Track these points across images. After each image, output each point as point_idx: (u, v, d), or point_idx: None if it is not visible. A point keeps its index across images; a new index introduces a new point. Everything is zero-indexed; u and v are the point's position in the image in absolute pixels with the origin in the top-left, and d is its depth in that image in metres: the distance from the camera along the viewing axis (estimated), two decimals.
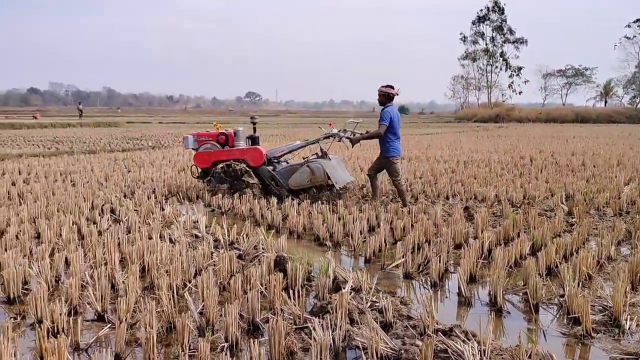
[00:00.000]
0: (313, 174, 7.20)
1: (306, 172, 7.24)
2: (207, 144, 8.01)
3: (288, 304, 3.46)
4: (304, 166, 7.29)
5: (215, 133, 8.09)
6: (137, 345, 3.09)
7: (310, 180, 7.26)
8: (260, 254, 4.67)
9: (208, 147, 7.97)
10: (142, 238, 5.02)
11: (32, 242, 5.12)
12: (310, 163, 7.29)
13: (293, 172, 7.39)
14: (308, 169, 7.23)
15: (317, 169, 7.17)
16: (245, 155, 7.72)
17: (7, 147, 16.80)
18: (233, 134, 8.06)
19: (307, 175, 7.24)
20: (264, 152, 7.66)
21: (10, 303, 3.76)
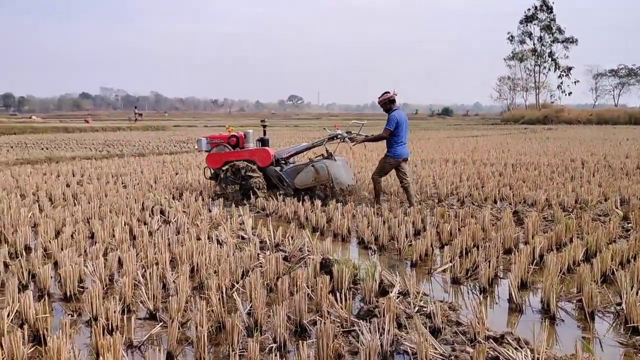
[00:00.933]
0: (317, 173, 7.41)
1: (311, 172, 7.46)
2: (219, 146, 8.28)
3: (335, 307, 3.46)
4: (309, 166, 7.51)
5: (227, 135, 8.36)
6: (188, 344, 3.16)
7: (314, 180, 7.47)
8: (306, 256, 4.68)
9: (220, 149, 8.24)
10: (191, 239, 5.13)
11: (87, 241, 5.31)
12: (315, 163, 7.50)
13: (298, 172, 7.63)
14: (313, 168, 7.45)
15: (322, 169, 7.39)
16: (254, 156, 7.99)
17: (61, 149, 17.51)
18: (243, 136, 8.33)
19: (311, 175, 7.45)
20: (271, 153, 7.96)
21: (66, 300, 3.91)
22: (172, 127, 38.28)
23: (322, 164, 7.44)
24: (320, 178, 7.42)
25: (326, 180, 7.43)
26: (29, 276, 4.26)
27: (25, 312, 3.36)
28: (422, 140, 22.21)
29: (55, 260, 4.58)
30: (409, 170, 7.54)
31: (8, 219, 6.04)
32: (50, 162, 13.42)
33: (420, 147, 17.32)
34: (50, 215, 6.29)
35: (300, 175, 7.58)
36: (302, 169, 7.63)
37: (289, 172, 7.79)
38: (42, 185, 8.94)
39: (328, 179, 7.39)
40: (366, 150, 14.28)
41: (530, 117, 51.22)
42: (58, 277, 4.24)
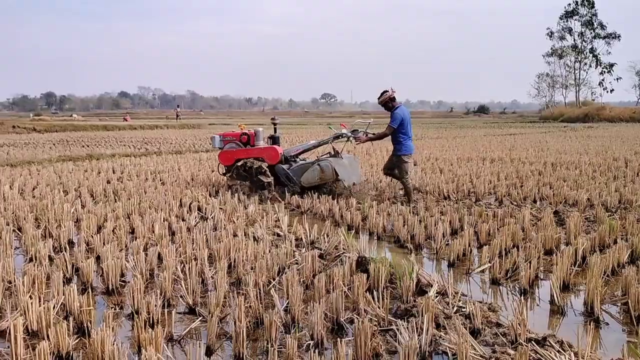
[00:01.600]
0: (322, 172, 7.54)
1: (316, 170, 7.59)
2: (231, 143, 8.48)
3: (371, 305, 3.45)
4: (315, 164, 7.65)
5: (239, 133, 8.56)
6: (227, 339, 3.19)
7: (320, 178, 7.61)
8: (342, 254, 4.68)
9: (231, 146, 8.45)
10: (228, 235, 5.19)
11: (127, 237, 5.43)
12: (320, 162, 7.65)
13: (305, 170, 7.75)
14: (318, 167, 7.59)
15: (326, 167, 7.51)
16: (263, 153, 8.19)
17: (102, 147, 17.98)
18: (254, 134, 8.50)
19: (317, 173, 7.59)
20: (279, 151, 8.12)
21: (109, 294, 4.01)
22: (207, 125, 38.83)
23: (327, 163, 7.55)
24: (326, 176, 7.55)
25: (331, 178, 7.57)
26: (72, 270, 4.39)
27: (70, 304, 3.46)
28: (457, 138, 21.90)
29: (98, 255, 4.70)
30: None
31: (52, 214, 6.23)
32: (91, 159, 13.80)
33: (455, 146, 17.08)
34: (92, 210, 6.47)
35: (307, 173, 7.70)
36: (308, 167, 7.75)
37: (296, 170, 7.91)
38: (83, 181, 9.20)
39: (333, 177, 7.51)
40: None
41: (570, 115, 49.78)
42: (100, 271, 4.36)
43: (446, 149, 15.85)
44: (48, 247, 4.81)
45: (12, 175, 10.10)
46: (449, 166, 11.00)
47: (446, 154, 13.83)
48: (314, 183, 7.68)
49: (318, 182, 7.67)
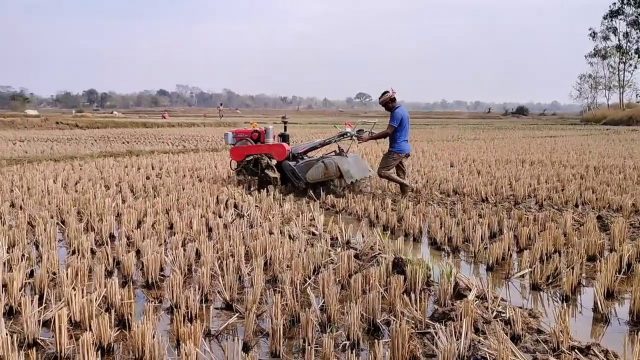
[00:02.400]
0: (327, 168, 7.79)
1: (321, 167, 7.84)
2: (243, 140, 8.79)
3: (408, 308, 3.41)
4: (319, 162, 7.93)
5: (250, 130, 8.87)
6: (263, 335, 3.21)
7: (324, 175, 7.85)
8: (378, 255, 4.65)
9: (243, 143, 8.75)
10: (264, 233, 5.22)
11: (166, 232, 5.53)
12: (325, 159, 7.93)
13: (310, 166, 8.00)
14: (322, 164, 7.84)
15: (330, 165, 7.76)
16: (272, 150, 8.49)
17: (141, 144, 18.40)
18: (264, 131, 8.76)
19: (321, 170, 7.83)
20: (287, 148, 8.46)
21: (148, 288, 4.08)
22: (243, 124, 39.22)
23: (330, 160, 7.81)
24: (329, 173, 7.79)
25: (335, 175, 7.81)
26: (114, 263, 4.50)
27: (111, 297, 3.54)
28: (495, 140, 21.50)
29: (138, 249, 4.81)
30: (407, 165, 8.00)
31: (94, 208, 6.40)
32: (130, 155, 14.13)
33: (493, 147, 16.77)
34: (132, 205, 6.61)
35: (312, 170, 7.93)
36: (313, 164, 8.00)
37: (302, 166, 8.13)
38: (124, 177, 9.43)
39: (336, 174, 7.76)
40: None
41: (613, 118, 48.22)
42: (140, 265, 4.45)
43: (484, 150, 15.58)
44: (90, 241, 4.93)
45: (55, 170, 10.44)
46: (487, 168, 10.81)
47: (484, 156, 13.59)
48: (318, 179, 7.92)
49: (322, 179, 7.92)
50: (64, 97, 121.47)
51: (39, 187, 7.98)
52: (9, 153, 14.12)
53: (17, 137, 21.56)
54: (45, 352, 2.96)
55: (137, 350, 2.83)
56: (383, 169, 7.74)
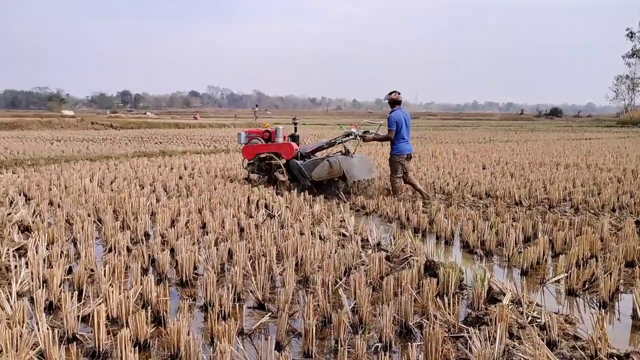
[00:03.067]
0: (331, 167, 8.01)
1: (326, 166, 8.07)
2: (255, 139, 9.14)
3: (441, 311, 3.38)
4: (324, 160, 8.16)
5: (262, 130, 9.21)
6: (295, 335, 3.23)
7: (328, 173, 8.07)
8: (409, 257, 4.62)
9: (254, 142, 9.09)
10: (295, 234, 5.25)
11: (199, 231, 5.61)
12: (329, 158, 8.16)
13: (316, 165, 8.26)
14: (327, 162, 8.06)
15: (335, 164, 7.99)
16: (280, 149, 8.78)
17: (173, 144, 18.72)
18: (275, 131, 9.08)
19: (326, 169, 8.05)
20: (295, 148, 8.75)
21: (182, 285, 4.15)
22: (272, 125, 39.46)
23: (335, 159, 8.05)
24: (334, 172, 8.01)
25: (338, 174, 8.02)
26: (149, 261, 4.59)
27: (147, 294, 3.61)
28: (528, 142, 21.11)
29: (172, 247, 4.89)
30: (411, 166, 8.15)
31: (129, 206, 6.55)
32: (163, 156, 14.39)
33: (527, 149, 16.47)
34: (166, 205, 6.73)
35: (317, 168, 8.18)
36: (319, 163, 8.24)
37: (308, 165, 8.41)
38: (157, 176, 9.60)
39: (340, 173, 7.98)
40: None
41: None
42: (174, 263, 4.53)
43: (517, 152, 15.31)
44: (126, 239, 5.04)
45: (91, 169, 10.71)
46: (520, 171, 10.62)
47: (517, 158, 13.36)
48: (324, 178, 8.17)
49: (327, 177, 8.15)
50: (99, 98, 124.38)
51: (76, 186, 8.19)
52: (47, 152, 14.54)
53: (54, 137, 22.19)
54: (84, 347, 3.04)
55: (173, 347, 2.89)
56: (392, 175, 7.97)
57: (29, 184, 8.34)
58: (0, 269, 4.36)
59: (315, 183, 8.29)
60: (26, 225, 5.78)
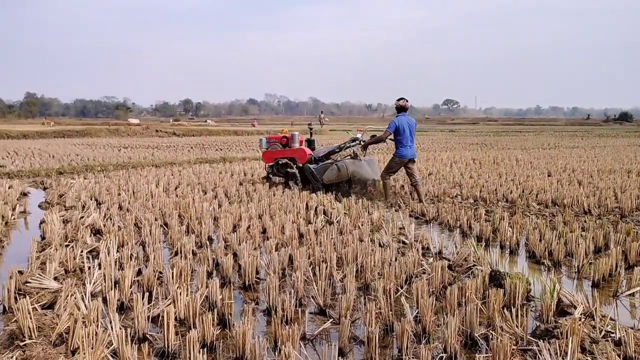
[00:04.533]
0: (339, 171, 8.50)
1: (334, 170, 8.56)
2: (274, 145, 9.72)
3: (508, 323, 3.27)
4: (333, 164, 8.66)
5: (280, 136, 9.79)
6: (357, 342, 3.22)
7: (337, 177, 8.56)
8: (473, 267, 4.51)
9: (273, 148, 9.67)
10: (354, 241, 5.25)
11: (260, 236, 5.71)
12: (337, 162, 8.65)
13: (326, 169, 8.77)
14: (336, 167, 8.57)
15: (342, 167, 8.49)
16: (295, 154, 9.39)
17: (233, 151, 19.16)
18: (291, 137, 9.62)
19: (335, 172, 8.55)
20: (308, 153, 9.32)
21: (245, 289, 4.24)
22: (328, 132, 39.68)
23: (342, 163, 8.54)
24: (341, 175, 8.50)
25: (346, 177, 8.52)
26: (213, 264, 4.71)
27: (212, 297, 3.71)
28: (596, 148, 20.18)
29: (234, 252, 5.00)
30: (416, 169, 8.34)
31: (193, 211, 6.75)
32: (224, 162, 14.76)
33: (595, 156, 15.74)
34: (228, 210, 6.89)
35: (327, 172, 8.70)
36: (329, 166, 8.74)
37: (319, 169, 8.92)
38: (219, 182, 9.86)
39: (347, 176, 8.49)
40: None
41: None
42: (237, 267, 4.62)
43: (584, 159, 14.66)
44: (191, 243, 5.20)
45: (157, 175, 11.12)
46: (589, 178, 10.15)
47: (584, 165, 12.79)
48: (333, 180, 8.63)
49: (336, 180, 8.61)
50: (162, 107, 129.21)
51: (143, 191, 8.54)
52: (115, 159, 15.25)
53: (121, 144, 23.25)
54: (154, 347, 3.15)
55: (238, 350, 2.95)
56: (385, 172, 8.36)
57: (99, 189, 8.77)
58: (75, 270, 4.60)
59: (326, 185, 8.76)
60: (98, 228, 6.08)
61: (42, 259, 4.69)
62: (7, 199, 8.02)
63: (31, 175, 11.97)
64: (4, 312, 3.74)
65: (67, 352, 2.99)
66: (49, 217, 6.28)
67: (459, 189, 8.95)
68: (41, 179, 11.12)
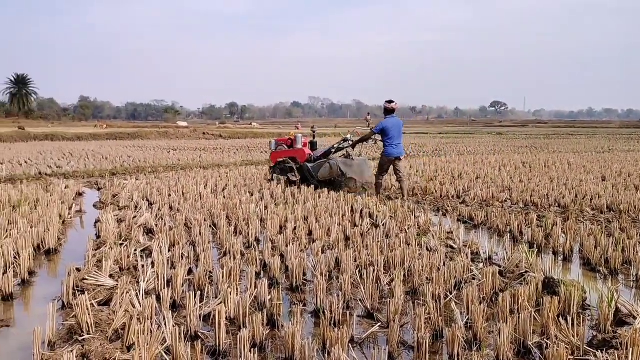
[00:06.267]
0: (331, 169, 9.33)
1: (327, 168, 9.37)
2: (280, 146, 10.54)
3: (564, 332, 3.17)
4: (326, 163, 9.43)
5: (286, 138, 10.63)
6: (405, 348, 3.19)
7: (329, 174, 9.37)
8: (525, 274, 4.40)
9: (280, 148, 10.49)
10: (401, 244, 5.20)
11: (306, 238, 5.74)
12: (330, 161, 9.42)
13: (320, 167, 9.54)
14: (328, 165, 9.38)
15: (334, 166, 9.29)
16: (296, 154, 10.21)
17: None
18: (295, 139, 10.40)
19: (327, 170, 9.36)
20: (307, 153, 10.14)
21: (292, 291, 4.27)
22: None
23: (334, 162, 9.34)
24: (333, 172, 9.30)
25: (337, 174, 9.27)
26: (261, 265, 4.77)
27: (261, 297, 3.76)
28: None
29: (281, 253, 5.05)
30: (403, 167, 8.80)
31: (240, 212, 6.86)
32: (269, 164, 14.89)
33: None
34: (274, 212, 6.97)
35: (321, 170, 9.47)
36: (322, 165, 9.48)
37: (315, 167, 9.67)
38: (264, 184, 9.98)
39: (338, 173, 9.23)
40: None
41: None
42: (284, 269, 4.66)
43: None
44: (239, 243, 5.28)
45: (205, 177, 11.36)
46: None
47: None
48: (326, 177, 9.41)
49: (328, 177, 9.39)
50: (209, 110, 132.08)
51: (192, 192, 8.74)
52: (165, 161, 15.67)
53: (170, 146, 23.88)
54: (205, 345, 3.22)
55: (288, 350, 2.97)
56: (378, 172, 8.87)
57: (150, 190, 9.04)
58: (129, 268, 4.75)
59: (320, 182, 9.49)
60: (150, 228, 6.26)
61: (98, 257, 4.87)
62: (64, 198, 8.38)
63: (86, 175, 12.45)
64: (63, 308, 3.90)
65: (123, 347, 3.09)
66: (104, 217, 6.52)
67: (508, 193, 8.74)
68: (95, 180, 11.56)
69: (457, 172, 11.95)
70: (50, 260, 5.38)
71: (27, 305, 4.17)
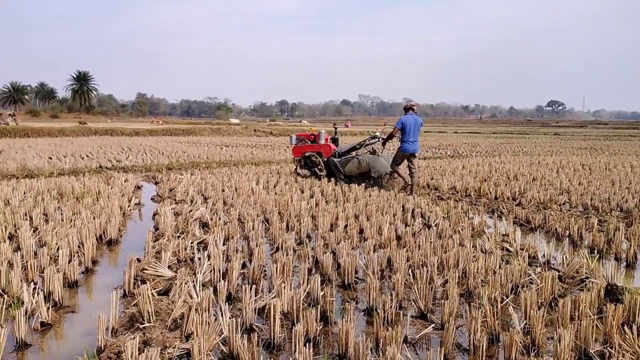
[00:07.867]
0: (359, 164, 9.75)
1: (355, 163, 9.83)
2: (303, 141, 10.96)
3: (628, 341, 3.04)
4: (354, 158, 9.90)
5: (308, 134, 11.07)
6: (460, 350, 3.15)
7: (357, 169, 9.80)
8: (586, 279, 4.24)
9: (302, 143, 10.94)
10: (455, 245, 5.12)
11: (357, 236, 5.73)
12: (358, 157, 9.89)
13: (348, 162, 10.01)
14: (357, 160, 9.82)
15: (362, 161, 9.73)
16: (322, 149, 10.69)
17: None
18: (318, 134, 10.79)
19: (355, 165, 9.82)
20: (332, 148, 10.63)
21: (344, 288, 4.28)
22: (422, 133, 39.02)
23: (362, 157, 9.78)
24: (361, 167, 9.72)
25: (365, 169, 9.68)
26: (313, 262, 4.81)
27: (314, 293, 3.79)
28: None
29: (333, 251, 5.07)
30: (416, 163, 9.40)
31: (292, 209, 6.93)
32: None
33: None
34: (325, 209, 7.00)
35: (348, 165, 9.93)
36: (350, 160, 9.95)
37: (342, 162, 10.14)
38: (314, 181, 10.04)
39: (367, 168, 9.64)
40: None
41: None
42: (336, 266, 4.68)
43: None
44: (291, 240, 5.34)
45: (256, 173, 11.55)
46: None
47: None
48: (353, 172, 9.84)
49: (356, 172, 9.81)
50: (260, 107, 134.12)
51: (244, 188, 8.90)
52: (218, 157, 16.02)
53: (223, 142, 24.39)
54: (260, 338, 3.28)
55: (341, 347, 2.99)
56: (393, 163, 9.49)
57: (205, 185, 9.27)
58: (186, 260, 4.89)
59: (347, 176, 9.95)
60: (205, 222, 6.42)
61: (157, 248, 5.04)
62: (123, 191, 8.71)
63: (143, 170, 12.90)
64: (124, 296, 4.06)
65: (182, 337, 3.19)
66: (162, 210, 6.74)
67: (567, 196, 8.44)
68: (152, 174, 11.95)
69: (512, 173, 11.63)
70: (112, 250, 5.61)
71: (90, 293, 4.37)
